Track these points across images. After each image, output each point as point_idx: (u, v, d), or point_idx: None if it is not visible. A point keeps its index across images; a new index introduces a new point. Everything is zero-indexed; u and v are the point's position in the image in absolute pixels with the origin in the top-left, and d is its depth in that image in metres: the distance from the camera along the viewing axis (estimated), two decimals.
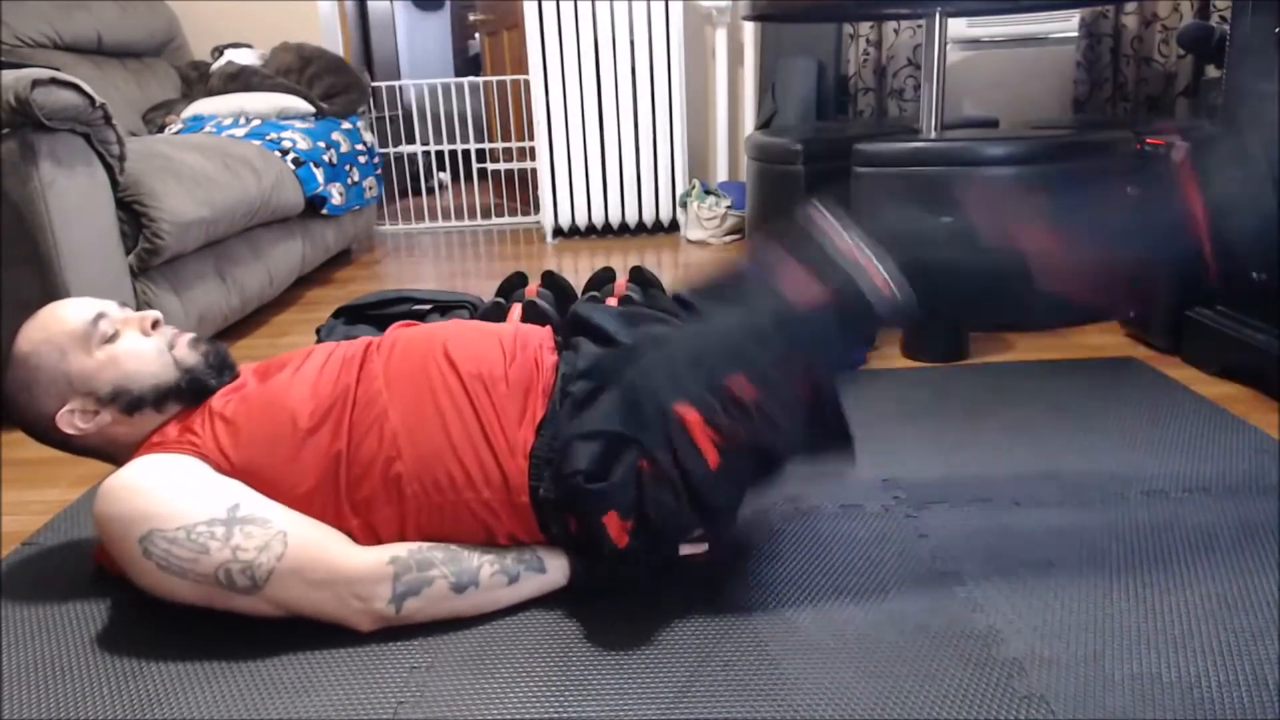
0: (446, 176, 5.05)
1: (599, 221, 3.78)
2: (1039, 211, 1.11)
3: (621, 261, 3.29)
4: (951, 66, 3.24)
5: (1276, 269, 1.64)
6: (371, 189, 3.52)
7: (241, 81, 3.26)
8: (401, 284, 3.07)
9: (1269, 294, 1.66)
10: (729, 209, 3.53)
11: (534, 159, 3.93)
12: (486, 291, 1.66)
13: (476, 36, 5.39)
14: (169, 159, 2.19)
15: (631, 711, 0.94)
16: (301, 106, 3.24)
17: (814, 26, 3.31)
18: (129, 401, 1.13)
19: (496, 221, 4.32)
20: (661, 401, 1.04)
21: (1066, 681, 0.95)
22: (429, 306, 1.99)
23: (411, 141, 4.56)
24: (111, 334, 1.14)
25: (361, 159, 3.43)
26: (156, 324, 1.18)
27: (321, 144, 3.06)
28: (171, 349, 1.17)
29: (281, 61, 3.45)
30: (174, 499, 1.02)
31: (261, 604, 1.03)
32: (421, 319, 1.95)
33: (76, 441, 1.16)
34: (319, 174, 2.97)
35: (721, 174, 3.81)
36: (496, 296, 1.80)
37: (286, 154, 2.84)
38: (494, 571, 1.09)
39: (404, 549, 1.07)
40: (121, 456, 1.16)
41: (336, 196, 3.10)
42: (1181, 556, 1.17)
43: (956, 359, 1.97)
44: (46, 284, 1.79)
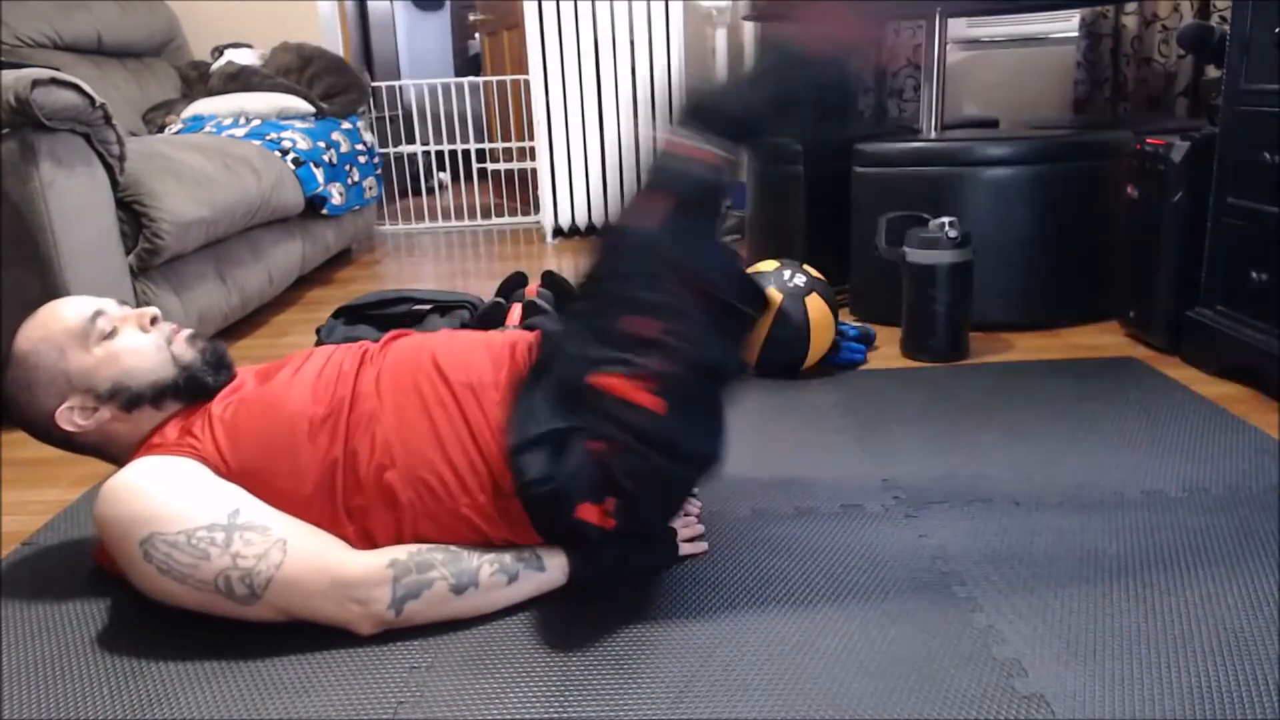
0: (446, 176, 5.05)
1: (599, 221, 3.78)
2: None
3: None
4: (951, 66, 3.24)
5: (1276, 269, 1.64)
6: (371, 189, 3.52)
7: (241, 81, 3.26)
8: (401, 284, 3.07)
9: (1269, 294, 1.66)
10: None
11: (534, 159, 3.93)
12: (486, 291, 1.66)
13: (476, 36, 5.39)
14: (169, 159, 2.19)
15: (631, 711, 0.94)
16: (301, 106, 3.24)
17: None
18: (128, 398, 1.14)
19: (496, 221, 4.32)
20: (579, 383, 1.05)
21: (1066, 681, 0.95)
22: (429, 306, 1.99)
23: (411, 141, 4.56)
24: (110, 331, 1.14)
25: (361, 159, 3.43)
26: (154, 320, 1.18)
27: (321, 144, 3.06)
28: (169, 344, 1.17)
29: (281, 61, 3.45)
30: (175, 502, 1.02)
31: (260, 611, 1.03)
32: (421, 319, 1.96)
33: (77, 439, 1.16)
34: (319, 174, 2.97)
35: None
36: (496, 296, 1.80)
37: (286, 154, 2.85)
38: (493, 571, 1.09)
39: (403, 551, 1.07)
40: (121, 455, 1.17)
41: (336, 196, 3.10)
42: (1181, 556, 1.17)
43: (956, 359, 1.97)
44: (46, 284, 1.79)
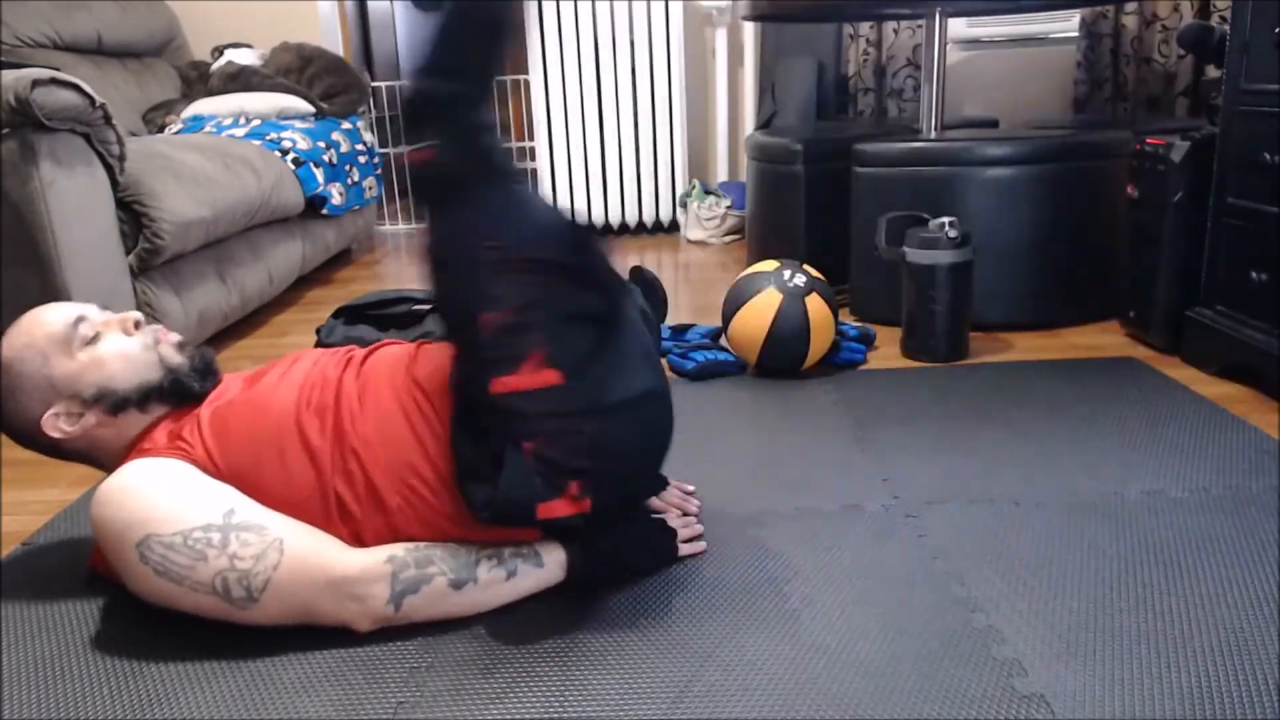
0: None
1: (599, 221, 3.78)
2: None
3: (621, 262, 3.29)
4: (951, 66, 3.24)
5: (1276, 269, 1.64)
6: (371, 189, 3.52)
7: (241, 81, 3.26)
8: (401, 284, 3.07)
9: (1269, 294, 1.66)
10: (729, 209, 3.54)
11: (534, 159, 3.93)
12: None
13: None
14: (169, 159, 2.19)
15: (631, 711, 0.94)
16: (301, 106, 3.24)
17: (814, 26, 3.31)
18: (113, 402, 1.14)
19: None
20: (485, 398, 1.03)
21: (1066, 681, 0.95)
22: (429, 306, 1.99)
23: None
24: (92, 336, 1.14)
25: (361, 159, 3.43)
26: (138, 324, 1.18)
27: (321, 144, 3.06)
28: (156, 346, 1.17)
29: (281, 61, 3.45)
30: (171, 503, 1.02)
31: (255, 615, 1.03)
32: (421, 319, 1.95)
33: (63, 445, 1.16)
34: (319, 174, 2.97)
35: (721, 174, 3.81)
36: None
37: (286, 154, 2.84)
38: (492, 568, 1.09)
39: (401, 548, 1.07)
40: (108, 461, 1.17)
41: (336, 196, 3.09)
42: (1181, 556, 1.17)
43: (956, 359, 1.97)
44: (46, 284, 1.79)
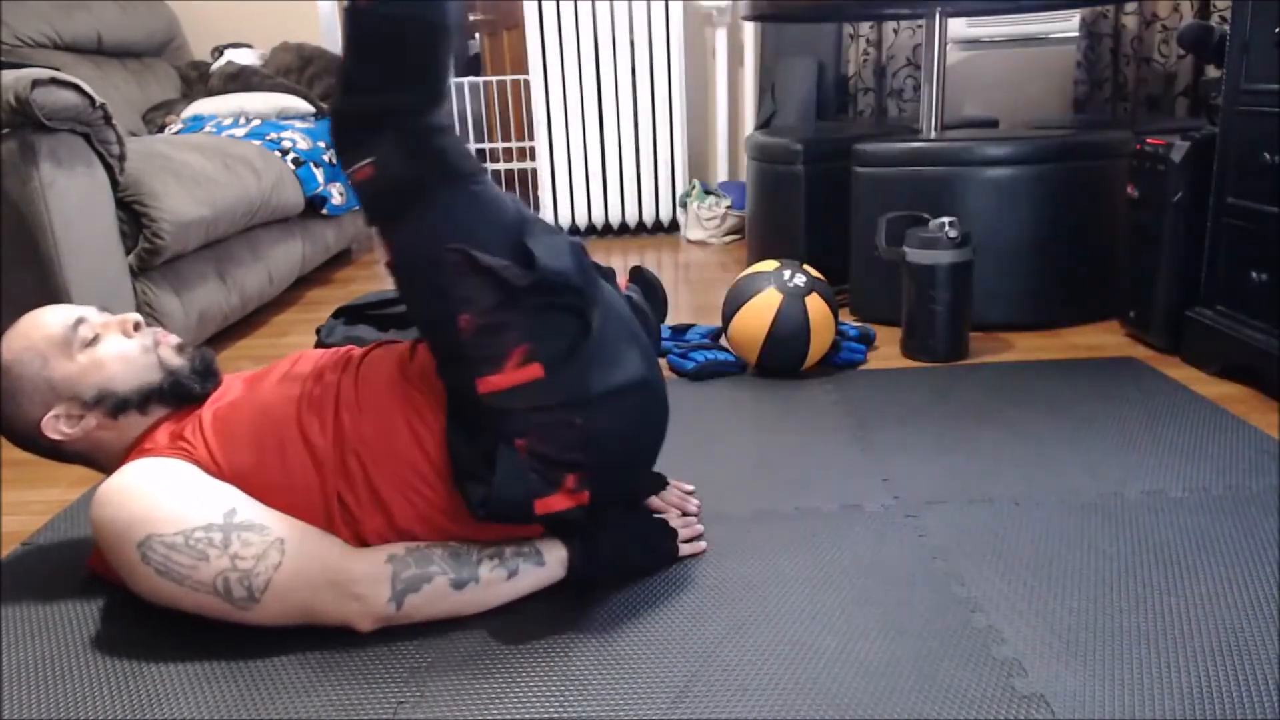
0: None
1: (599, 221, 3.78)
2: None
3: (621, 262, 3.29)
4: (951, 66, 3.24)
5: (1276, 269, 1.64)
6: None
7: (241, 81, 3.26)
8: None
9: (1269, 294, 1.66)
10: (729, 209, 3.53)
11: (534, 159, 3.93)
12: None
13: (476, 36, 5.39)
14: (169, 159, 2.19)
15: (631, 711, 0.94)
16: (301, 106, 3.24)
17: (814, 26, 3.31)
18: (113, 404, 1.13)
19: None
20: (474, 399, 1.03)
21: (1066, 681, 0.95)
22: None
23: None
24: (92, 338, 1.14)
25: None
26: (138, 326, 1.18)
27: (321, 144, 3.06)
28: (155, 348, 1.17)
29: (281, 61, 3.45)
30: (172, 503, 1.02)
31: (256, 615, 1.03)
32: None
33: (64, 447, 1.15)
34: (319, 174, 2.97)
35: (721, 174, 3.81)
36: None
37: (286, 154, 2.84)
38: (493, 567, 1.09)
39: (401, 547, 1.07)
40: (109, 463, 1.17)
41: (336, 196, 3.09)
42: (1181, 556, 1.17)
43: (956, 359, 1.97)
44: (46, 284, 1.79)
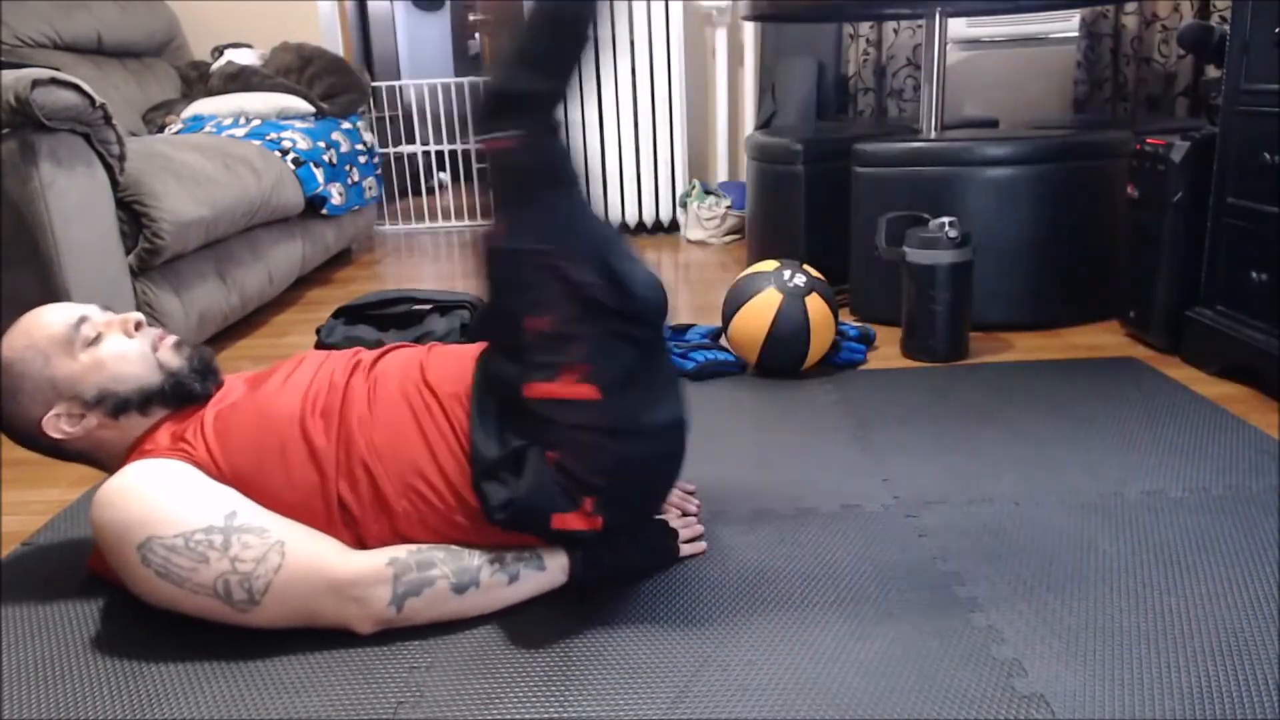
0: (446, 176, 5.05)
1: None
2: None
3: None
4: (951, 66, 3.24)
5: (1276, 269, 1.64)
6: (371, 189, 3.52)
7: (241, 81, 3.26)
8: (401, 284, 3.07)
9: (1269, 294, 1.66)
10: (729, 209, 3.53)
11: None
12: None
13: (476, 36, 5.39)
14: (169, 159, 2.19)
15: (631, 711, 0.94)
16: (301, 106, 3.24)
17: (814, 26, 3.31)
18: (115, 404, 1.13)
19: None
20: (518, 399, 1.05)
21: (1066, 681, 0.95)
22: (429, 306, 1.99)
23: (411, 141, 4.56)
24: (94, 337, 1.14)
25: (361, 159, 3.43)
26: (139, 326, 1.18)
27: (321, 144, 3.06)
28: (155, 351, 1.17)
29: (281, 61, 3.44)
30: (172, 505, 1.02)
31: (256, 618, 1.03)
32: (421, 319, 1.96)
33: (65, 446, 1.15)
34: (319, 174, 2.97)
35: (721, 174, 3.81)
36: None
37: (286, 154, 2.84)
38: (494, 571, 1.09)
39: (403, 550, 1.07)
40: (110, 462, 1.16)
41: (336, 196, 3.09)
42: (1181, 556, 1.17)
43: (956, 359, 1.97)
44: (46, 284, 1.79)
